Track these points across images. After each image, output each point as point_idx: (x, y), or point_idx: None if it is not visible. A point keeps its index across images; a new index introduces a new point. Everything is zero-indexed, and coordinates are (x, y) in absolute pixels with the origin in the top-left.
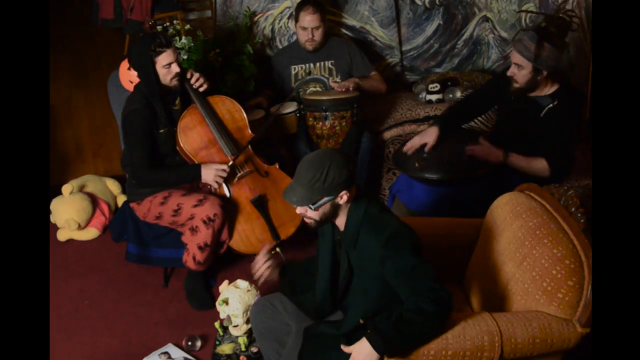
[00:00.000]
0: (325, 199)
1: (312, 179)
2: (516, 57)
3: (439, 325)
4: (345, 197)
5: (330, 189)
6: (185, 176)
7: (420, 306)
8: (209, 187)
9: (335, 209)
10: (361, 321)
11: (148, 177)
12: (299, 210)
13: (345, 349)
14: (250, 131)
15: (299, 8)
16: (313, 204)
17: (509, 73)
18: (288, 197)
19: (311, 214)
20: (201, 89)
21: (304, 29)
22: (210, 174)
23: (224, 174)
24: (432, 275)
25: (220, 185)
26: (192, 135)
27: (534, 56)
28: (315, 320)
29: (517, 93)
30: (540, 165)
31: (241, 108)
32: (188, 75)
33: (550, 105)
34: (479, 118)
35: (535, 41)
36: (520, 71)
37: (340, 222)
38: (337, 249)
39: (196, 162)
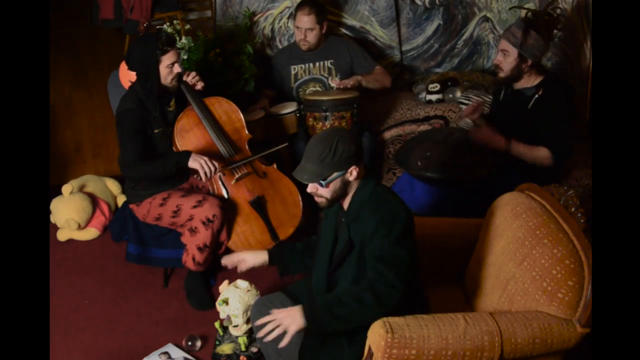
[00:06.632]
0: (336, 174)
1: (322, 154)
2: (503, 44)
3: (372, 318)
4: (355, 173)
5: (340, 164)
6: (171, 163)
7: (361, 295)
8: (207, 187)
9: (345, 186)
10: None
11: (136, 173)
12: (310, 188)
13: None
14: (247, 132)
15: (297, 7)
16: (324, 180)
17: (495, 61)
18: (299, 175)
19: (322, 192)
20: (198, 87)
21: (298, 28)
22: (196, 162)
23: (212, 168)
24: (397, 269)
25: (207, 175)
26: (189, 137)
27: (520, 42)
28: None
29: (502, 82)
30: (543, 153)
31: (238, 109)
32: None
33: (536, 95)
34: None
35: (522, 29)
36: (506, 58)
37: (347, 201)
38: (338, 226)
39: None
